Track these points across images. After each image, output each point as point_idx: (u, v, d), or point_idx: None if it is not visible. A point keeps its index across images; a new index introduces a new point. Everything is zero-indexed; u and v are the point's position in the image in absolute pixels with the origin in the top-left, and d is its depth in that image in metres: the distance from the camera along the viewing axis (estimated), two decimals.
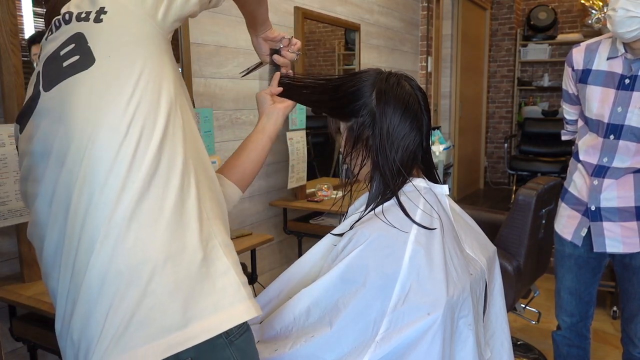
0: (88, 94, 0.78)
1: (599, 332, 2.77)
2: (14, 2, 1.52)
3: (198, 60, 2.25)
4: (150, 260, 0.76)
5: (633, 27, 1.50)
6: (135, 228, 0.76)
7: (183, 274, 0.78)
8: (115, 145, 0.76)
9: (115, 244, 0.75)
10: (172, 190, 0.79)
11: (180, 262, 0.78)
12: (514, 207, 2.12)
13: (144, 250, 0.76)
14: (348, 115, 1.06)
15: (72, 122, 0.78)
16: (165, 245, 0.77)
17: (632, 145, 1.63)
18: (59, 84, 0.81)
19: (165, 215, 0.78)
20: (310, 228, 2.66)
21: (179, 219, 0.79)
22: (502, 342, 1.19)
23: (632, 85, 1.61)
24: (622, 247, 1.71)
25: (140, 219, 0.76)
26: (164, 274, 0.76)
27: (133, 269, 0.75)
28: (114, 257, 0.75)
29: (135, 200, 0.76)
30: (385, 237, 0.96)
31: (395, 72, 1.07)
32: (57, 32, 0.86)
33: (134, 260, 0.75)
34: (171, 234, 0.77)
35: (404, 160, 1.03)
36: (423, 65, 4.43)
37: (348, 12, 3.32)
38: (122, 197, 0.75)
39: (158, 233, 0.77)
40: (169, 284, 0.76)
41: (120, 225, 0.75)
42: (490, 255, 1.19)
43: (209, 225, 0.83)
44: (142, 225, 0.76)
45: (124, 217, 0.75)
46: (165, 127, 0.80)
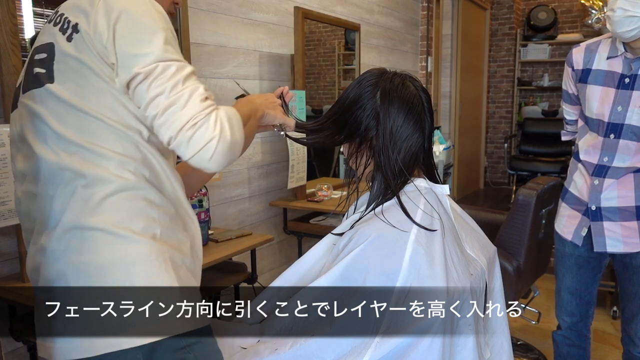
0: (42, 117, 0.91)
1: (599, 332, 2.77)
2: (14, 2, 1.52)
3: (198, 60, 2.25)
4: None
5: (632, 27, 1.50)
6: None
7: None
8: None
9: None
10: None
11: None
12: (514, 207, 2.12)
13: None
14: (357, 124, 1.05)
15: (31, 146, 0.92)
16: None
17: (633, 144, 1.63)
18: (27, 92, 0.94)
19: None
20: (310, 228, 2.66)
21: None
22: (502, 342, 1.19)
23: (632, 85, 1.61)
24: (622, 247, 1.71)
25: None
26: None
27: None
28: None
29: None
30: (385, 237, 0.96)
31: (400, 73, 1.07)
32: (48, 26, 0.96)
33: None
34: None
35: (406, 161, 1.03)
36: (423, 65, 4.43)
37: (348, 12, 3.32)
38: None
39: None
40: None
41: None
42: (491, 255, 1.19)
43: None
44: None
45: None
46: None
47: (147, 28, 0.87)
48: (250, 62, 2.50)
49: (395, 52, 4.02)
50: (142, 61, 0.85)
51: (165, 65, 0.85)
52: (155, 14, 0.90)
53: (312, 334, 0.94)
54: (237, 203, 2.54)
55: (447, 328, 0.94)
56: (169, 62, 0.86)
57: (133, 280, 0.86)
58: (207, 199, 1.93)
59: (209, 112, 0.84)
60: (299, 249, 2.80)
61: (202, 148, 0.83)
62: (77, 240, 0.87)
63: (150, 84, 0.84)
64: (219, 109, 0.87)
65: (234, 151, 0.88)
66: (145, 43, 0.86)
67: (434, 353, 0.91)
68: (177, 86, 0.84)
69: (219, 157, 0.85)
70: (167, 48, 0.87)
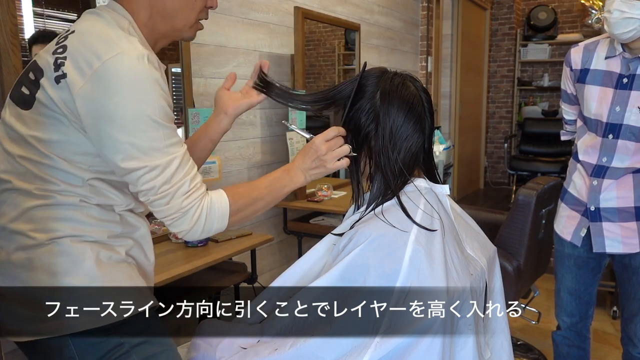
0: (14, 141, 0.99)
1: (599, 332, 2.77)
2: (14, 2, 1.52)
3: (198, 60, 2.25)
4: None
5: (629, 28, 1.50)
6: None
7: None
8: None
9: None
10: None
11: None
12: (514, 207, 2.12)
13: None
14: (357, 125, 1.05)
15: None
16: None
17: (631, 144, 1.63)
18: (11, 107, 1.01)
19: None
20: (310, 228, 2.66)
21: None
22: (502, 342, 1.19)
23: (630, 85, 1.60)
24: (621, 248, 1.70)
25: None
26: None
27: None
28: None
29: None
30: (385, 237, 0.96)
31: (401, 73, 1.07)
32: (51, 46, 0.99)
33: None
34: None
35: (406, 161, 1.03)
36: (423, 65, 4.43)
37: (348, 12, 3.32)
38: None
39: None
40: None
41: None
42: (491, 255, 1.19)
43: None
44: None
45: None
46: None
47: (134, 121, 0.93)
48: (250, 62, 2.50)
49: (395, 52, 4.02)
50: (128, 154, 0.93)
51: (152, 166, 0.94)
52: (143, 98, 0.93)
53: (312, 334, 0.94)
54: None
55: (447, 328, 0.94)
56: (157, 163, 0.94)
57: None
58: None
59: (187, 209, 0.99)
60: (299, 249, 2.80)
61: (177, 232, 1.02)
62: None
63: (139, 178, 0.95)
64: (204, 205, 1.00)
65: (207, 235, 1.04)
66: (131, 133, 0.93)
67: (434, 353, 0.91)
68: (164, 185, 0.96)
69: (190, 239, 1.06)
70: (154, 139, 0.94)
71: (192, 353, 1.07)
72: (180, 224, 0.99)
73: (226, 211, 1.04)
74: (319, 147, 1.06)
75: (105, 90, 0.90)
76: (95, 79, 0.90)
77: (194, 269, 1.71)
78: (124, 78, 0.90)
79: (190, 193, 0.98)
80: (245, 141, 2.54)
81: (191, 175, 0.99)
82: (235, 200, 1.05)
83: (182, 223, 0.99)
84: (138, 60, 0.92)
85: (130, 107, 0.91)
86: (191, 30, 1.10)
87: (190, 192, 0.99)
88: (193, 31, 1.11)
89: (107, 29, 0.95)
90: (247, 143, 2.56)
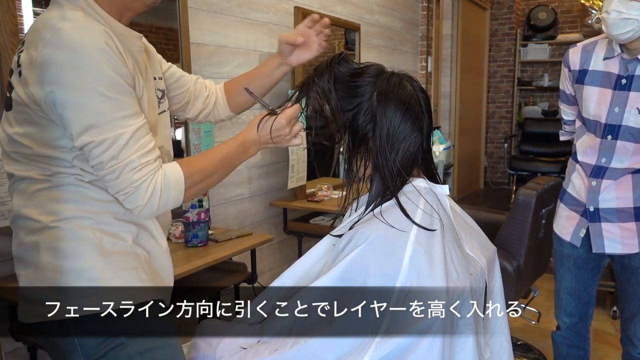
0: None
1: (599, 332, 2.77)
2: (14, 2, 1.52)
3: (198, 60, 2.25)
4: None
5: (627, 29, 1.50)
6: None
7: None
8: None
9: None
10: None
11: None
12: (514, 207, 2.12)
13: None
14: (355, 126, 1.05)
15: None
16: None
17: (630, 145, 1.63)
18: (3, 113, 1.04)
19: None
20: (310, 228, 2.66)
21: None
22: (502, 342, 1.19)
23: (629, 86, 1.60)
24: (621, 248, 1.70)
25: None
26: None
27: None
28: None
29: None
30: (385, 237, 0.96)
31: (398, 72, 1.06)
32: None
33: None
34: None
35: (404, 162, 1.03)
36: (423, 65, 4.43)
37: (348, 12, 3.32)
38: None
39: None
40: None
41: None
42: (490, 255, 1.19)
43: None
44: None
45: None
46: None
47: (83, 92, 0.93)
48: (250, 62, 2.50)
49: (395, 52, 4.02)
50: (78, 129, 0.93)
51: (99, 141, 0.93)
52: (92, 67, 0.93)
53: (312, 334, 0.94)
54: (237, 203, 2.54)
55: (447, 328, 0.94)
56: (104, 136, 0.93)
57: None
58: (207, 199, 1.93)
59: (139, 183, 0.97)
60: (299, 249, 2.80)
61: (133, 209, 1.00)
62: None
63: (90, 153, 0.95)
64: (157, 178, 0.99)
65: (164, 210, 1.03)
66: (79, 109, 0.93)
67: (434, 353, 0.91)
68: (112, 161, 0.95)
69: (147, 216, 1.03)
70: (100, 112, 0.93)
71: (192, 353, 1.07)
72: (134, 200, 0.97)
73: (182, 185, 1.02)
74: (284, 127, 1.11)
75: (49, 71, 0.92)
76: (41, 62, 0.92)
77: (194, 269, 1.71)
78: (65, 54, 0.91)
79: (141, 167, 0.97)
80: None
81: (144, 151, 0.97)
82: (190, 174, 1.04)
83: (135, 198, 0.97)
84: (78, 32, 0.92)
85: (73, 81, 0.92)
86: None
87: (142, 166, 0.97)
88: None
89: (55, 13, 0.96)
90: None
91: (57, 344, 1.04)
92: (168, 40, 2.12)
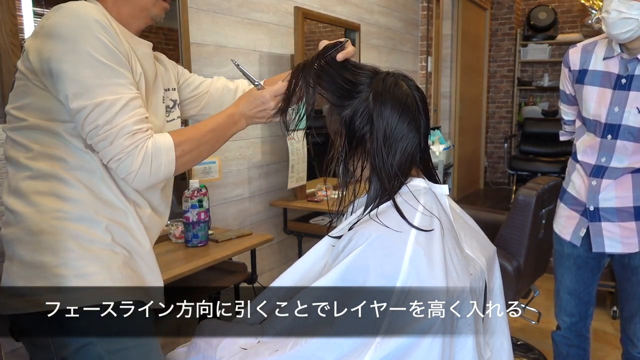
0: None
1: (599, 332, 2.77)
2: (14, 2, 1.52)
3: (198, 60, 2.25)
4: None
5: (627, 28, 1.50)
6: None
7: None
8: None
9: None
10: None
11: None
12: (514, 207, 2.12)
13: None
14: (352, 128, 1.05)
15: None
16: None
17: (630, 145, 1.63)
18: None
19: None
20: (310, 228, 2.66)
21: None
22: (502, 342, 1.19)
23: (629, 85, 1.61)
24: (621, 247, 1.71)
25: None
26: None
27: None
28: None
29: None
30: (385, 238, 0.96)
31: (393, 72, 1.06)
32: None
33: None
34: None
35: (402, 162, 1.02)
36: (423, 65, 4.43)
37: (348, 12, 3.32)
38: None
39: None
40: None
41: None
42: (490, 255, 1.19)
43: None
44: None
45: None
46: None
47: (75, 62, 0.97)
48: (250, 62, 2.50)
49: (395, 52, 4.02)
50: (73, 93, 0.97)
51: (96, 103, 0.96)
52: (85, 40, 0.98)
53: (313, 334, 0.94)
54: (237, 203, 2.54)
55: (447, 328, 0.94)
56: (100, 99, 0.97)
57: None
58: (207, 199, 1.93)
59: (131, 149, 0.99)
60: (299, 249, 2.80)
61: (125, 176, 1.02)
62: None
63: (85, 118, 0.97)
64: (148, 144, 1.01)
65: (156, 179, 1.04)
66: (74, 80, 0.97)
67: (434, 353, 0.91)
68: (107, 125, 0.97)
69: (140, 184, 1.04)
70: (97, 75, 0.97)
71: (192, 353, 1.07)
72: (126, 166, 1.00)
73: (172, 152, 1.04)
74: (269, 102, 1.14)
75: (48, 38, 0.97)
76: (42, 33, 0.99)
77: (194, 269, 1.71)
78: (63, 21, 0.97)
79: (133, 133, 0.99)
80: (245, 141, 2.54)
81: (137, 118, 1.01)
82: (180, 142, 1.06)
83: (128, 164, 0.99)
84: (80, 6, 0.99)
85: (72, 46, 0.96)
86: (156, 8, 1.15)
87: (134, 132, 1.00)
88: (159, 9, 1.16)
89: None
90: (247, 143, 2.56)
91: (32, 338, 1.06)
92: (168, 40, 2.12)
